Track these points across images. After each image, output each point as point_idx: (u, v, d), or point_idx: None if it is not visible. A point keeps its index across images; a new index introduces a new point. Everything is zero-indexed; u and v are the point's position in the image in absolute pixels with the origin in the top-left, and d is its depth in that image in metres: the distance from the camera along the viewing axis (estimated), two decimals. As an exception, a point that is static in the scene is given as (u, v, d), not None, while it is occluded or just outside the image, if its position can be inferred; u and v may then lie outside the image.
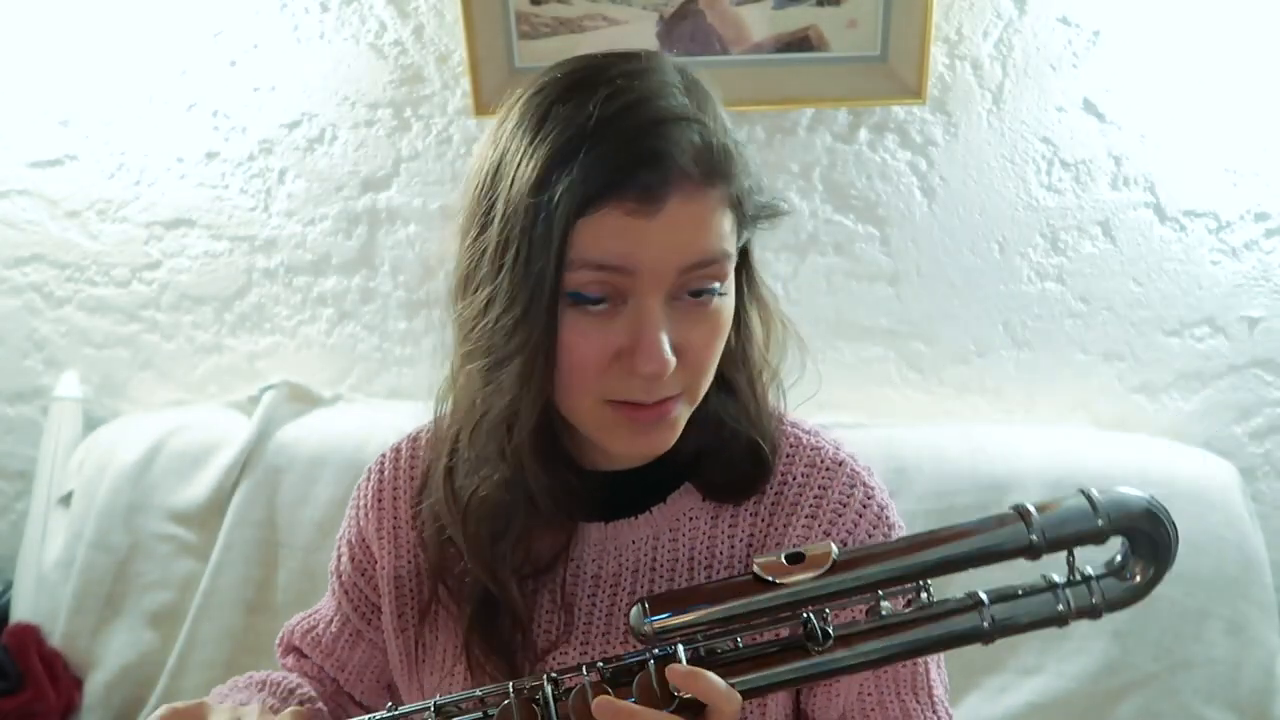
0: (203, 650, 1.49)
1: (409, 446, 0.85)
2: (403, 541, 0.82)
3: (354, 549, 0.86)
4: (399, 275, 1.60)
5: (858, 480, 0.77)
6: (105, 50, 1.53)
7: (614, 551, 0.77)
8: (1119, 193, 1.42)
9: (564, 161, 0.62)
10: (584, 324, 0.64)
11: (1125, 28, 1.34)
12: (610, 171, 0.61)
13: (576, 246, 0.61)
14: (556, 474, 0.72)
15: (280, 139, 1.56)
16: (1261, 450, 1.50)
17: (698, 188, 0.62)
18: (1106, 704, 1.31)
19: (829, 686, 0.78)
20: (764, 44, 1.40)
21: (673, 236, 0.62)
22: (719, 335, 0.68)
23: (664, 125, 0.62)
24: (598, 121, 0.62)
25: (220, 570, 1.49)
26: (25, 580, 1.60)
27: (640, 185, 0.61)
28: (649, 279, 0.62)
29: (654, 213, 0.61)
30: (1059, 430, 1.49)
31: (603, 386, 0.65)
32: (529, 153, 0.63)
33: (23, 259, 1.67)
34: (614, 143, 0.61)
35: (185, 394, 1.72)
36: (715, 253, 0.64)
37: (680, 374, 0.65)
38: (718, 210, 0.64)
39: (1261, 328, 1.45)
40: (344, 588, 0.88)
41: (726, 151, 0.64)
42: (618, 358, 0.64)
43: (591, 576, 0.77)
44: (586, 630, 0.77)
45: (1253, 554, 1.33)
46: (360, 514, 0.85)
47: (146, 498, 1.54)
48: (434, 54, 1.48)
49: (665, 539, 0.76)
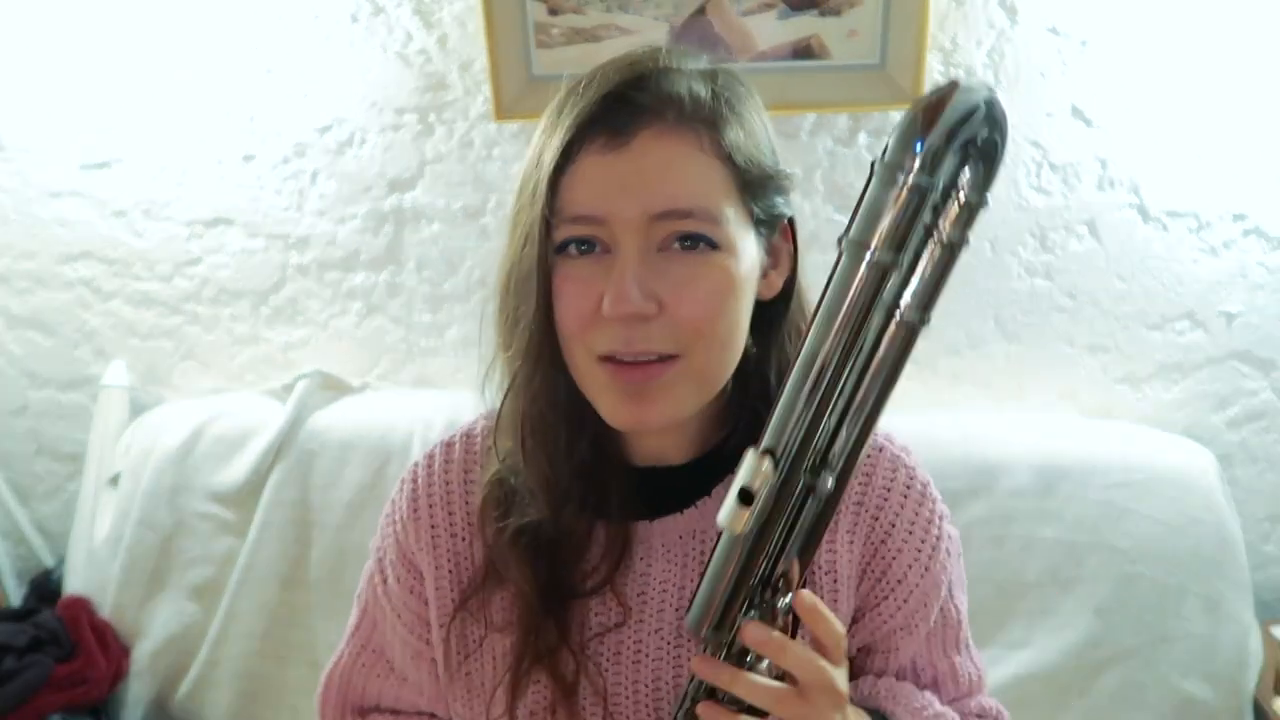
0: (241, 622, 1.50)
1: (443, 454, 0.78)
2: (443, 550, 0.76)
3: (398, 569, 0.79)
4: (424, 271, 1.61)
5: (899, 463, 0.76)
6: (149, 60, 1.55)
7: (660, 549, 0.72)
8: (1105, 194, 1.42)
9: (554, 128, 0.62)
10: (572, 272, 0.63)
11: (1112, 38, 1.34)
12: (582, 117, 0.60)
13: (561, 200, 0.61)
14: (597, 470, 0.69)
15: (313, 142, 1.57)
16: (1238, 438, 1.50)
17: (671, 127, 0.60)
18: (1089, 676, 1.32)
19: (886, 653, 0.78)
20: (769, 52, 1.40)
21: (642, 175, 0.59)
22: (715, 295, 0.62)
23: (643, 76, 0.61)
24: (585, 88, 0.62)
25: (257, 547, 1.50)
26: (77, 556, 1.62)
27: (608, 124, 0.60)
28: (622, 224, 0.60)
29: (621, 147, 0.59)
30: (1046, 418, 1.49)
31: (589, 338, 0.63)
32: (542, 134, 0.64)
33: (73, 255, 1.68)
34: (593, 94, 0.61)
35: (224, 382, 1.73)
36: (691, 202, 0.60)
37: (667, 330, 0.62)
38: (697, 157, 0.60)
39: (1239, 322, 1.45)
40: (396, 611, 0.79)
41: (715, 101, 0.61)
42: (601, 305, 0.61)
43: (640, 575, 0.72)
44: (637, 630, 0.72)
45: (1229, 536, 1.33)
46: (398, 529, 0.78)
47: (189, 479, 1.55)
48: (457, 62, 1.49)
49: (711, 534, 0.72)
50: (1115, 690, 1.32)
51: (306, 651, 1.50)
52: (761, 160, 0.64)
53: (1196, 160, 1.38)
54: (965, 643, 0.81)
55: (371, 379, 1.69)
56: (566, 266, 0.63)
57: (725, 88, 0.63)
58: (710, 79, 0.63)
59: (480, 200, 1.56)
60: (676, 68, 0.62)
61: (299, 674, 1.50)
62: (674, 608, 0.72)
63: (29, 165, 1.64)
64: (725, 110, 0.62)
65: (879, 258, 0.51)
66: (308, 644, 1.50)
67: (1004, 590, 1.35)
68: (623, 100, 0.60)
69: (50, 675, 1.44)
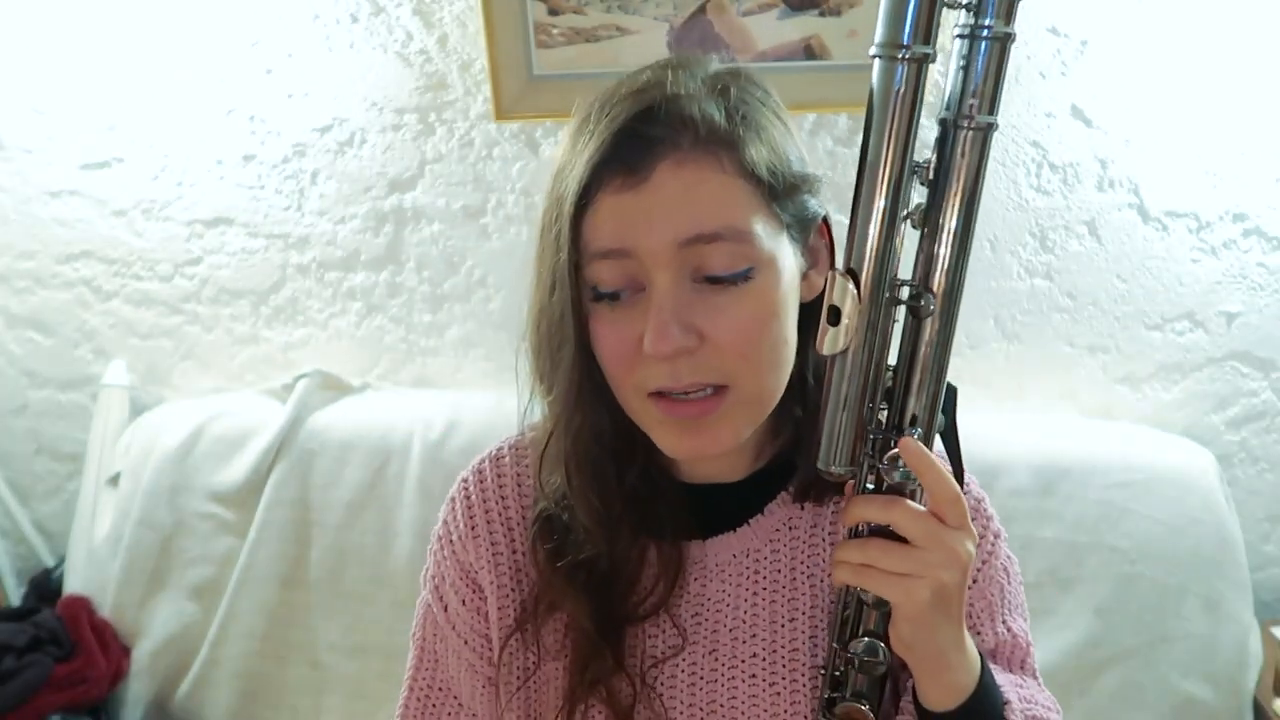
0: (241, 621, 1.50)
1: (493, 468, 0.75)
2: (504, 564, 0.73)
3: (460, 589, 0.75)
4: (424, 271, 1.61)
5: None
6: (150, 60, 1.54)
7: (715, 569, 0.70)
8: (1104, 194, 1.41)
9: (569, 164, 0.61)
10: (609, 315, 0.61)
11: (1112, 38, 1.34)
12: (596, 158, 0.58)
13: (585, 240, 0.60)
14: (643, 482, 0.68)
15: (313, 142, 1.56)
16: (1238, 438, 1.49)
17: (687, 154, 0.58)
18: (1090, 676, 1.31)
19: None
20: (769, 53, 1.40)
21: (664, 206, 0.58)
22: (758, 320, 0.60)
23: (652, 108, 0.59)
24: (595, 120, 0.60)
25: (257, 547, 1.50)
26: (77, 555, 1.61)
27: (623, 161, 0.58)
28: (650, 257, 0.58)
29: (640, 184, 0.58)
30: (1046, 418, 1.49)
31: (637, 378, 0.62)
32: (560, 171, 0.63)
33: (74, 255, 1.68)
34: (603, 132, 0.59)
35: (224, 382, 1.73)
36: (716, 224, 0.58)
37: (713, 360, 0.60)
38: (718, 179, 0.59)
39: (1239, 322, 1.44)
40: (462, 636, 0.75)
41: (730, 121, 0.59)
42: (642, 344, 0.60)
43: (695, 596, 0.70)
44: (692, 652, 0.70)
45: (1229, 536, 1.33)
46: (456, 548, 0.75)
47: (189, 479, 1.54)
48: (457, 62, 1.48)
49: (766, 551, 0.70)
50: (1115, 690, 1.31)
51: (306, 651, 1.49)
52: (786, 168, 0.62)
53: (1196, 160, 1.37)
54: (1034, 672, 0.76)
55: (371, 379, 1.68)
56: (601, 309, 0.62)
57: (739, 101, 0.61)
58: (722, 95, 0.61)
59: (480, 200, 1.55)
60: (685, 92, 0.60)
61: (299, 674, 1.50)
62: (729, 628, 0.70)
63: (29, 165, 1.63)
64: (741, 128, 0.60)
65: (912, 54, 0.52)
66: (308, 644, 1.49)
67: (1004, 590, 1.34)
68: (635, 135, 0.58)
69: (50, 675, 1.44)
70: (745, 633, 0.70)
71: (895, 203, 0.55)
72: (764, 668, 0.70)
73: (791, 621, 0.70)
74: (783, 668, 0.70)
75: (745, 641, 0.70)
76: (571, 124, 0.64)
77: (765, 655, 0.70)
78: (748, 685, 0.70)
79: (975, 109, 0.53)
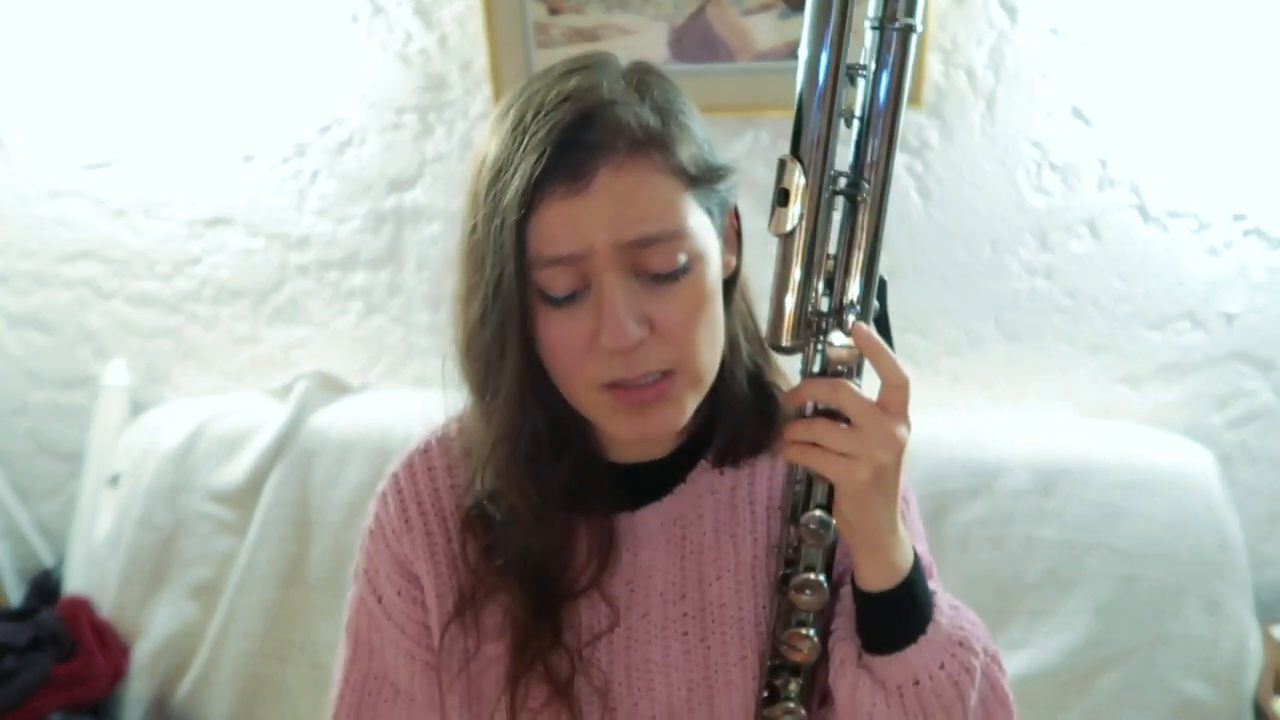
0: (241, 621, 1.50)
1: (422, 462, 0.77)
2: (440, 555, 0.74)
3: (395, 581, 0.76)
4: (424, 270, 1.60)
5: None
6: (149, 60, 1.54)
7: (645, 537, 0.74)
8: (1105, 194, 1.41)
9: (506, 171, 0.62)
10: (557, 316, 0.63)
11: (1112, 37, 1.33)
12: (541, 165, 0.60)
13: (533, 246, 0.61)
14: (576, 471, 0.70)
15: (313, 142, 1.56)
16: (1238, 438, 1.49)
17: (624, 159, 0.60)
18: (1089, 677, 1.31)
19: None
20: (769, 52, 1.39)
21: (608, 210, 0.60)
22: (697, 307, 0.64)
23: (587, 114, 0.61)
24: (532, 124, 0.61)
25: (257, 547, 1.50)
26: (77, 555, 1.61)
27: (565, 168, 0.60)
28: (598, 259, 0.61)
29: (583, 189, 0.60)
30: (1046, 418, 1.48)
31: (590, 372, 0.63)
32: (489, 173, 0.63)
33: (74, 255, 1.67)
34: (541, 140, 0.61)
35: (224, 382, 1.73)
36: (660, 227, 0.61)
37: (661, 348, 0.63)
38: (654, 180, 0.61)
39: (1239, 322, 1.44)
40: (399, 625, 0.77)
41: (663, 123, 0.62)
42: (594, 340, 0.62)
43: (627, 565, 0.73)
44: (626, 617, 0.73)
45: (1229, 536, 1.32)
46: (390, 541, 0.76)
47: (189, 479, 1.54)
48: (457, 62, 1.48)
49: (691, 516, 0.74)
50: (1115, 690, 1.30)
51: (306, 651, 1.49)
52: (708, 160, 0.66)
53: (1196, 160, 1.37)
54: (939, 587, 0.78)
55: (371, 379, 1.68)
56: (548, 310, 0.63)
57: (663, 99, 0.64)
58: (647, 94, 0.64)
59: (480, 200, 1.55)
60: (618, 98, 0.62)
61: (299, 674, 1.49)
62: (659, 592, 0.73)
63: (29, 164, 1.63)
64: (673, 129, 0.63)
65: None
66: (308, 644, 1.49)
67: (1004, 590, 1.34)
68: (575, 143, 0.60)
69: (50, 675, 1.44)
70: (675, 594, 0.74)
71: (833, 97, 0.61)
72: (694, 625, 0.74)
73: (718, 579, 0.74)
74: (712, 622, 0.74)
75: (675, 603, 0.74)
76: (500, 121, 0.64)
77: (695, 614, 0.74)
78: (680, 643, 0.74)
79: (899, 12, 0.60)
